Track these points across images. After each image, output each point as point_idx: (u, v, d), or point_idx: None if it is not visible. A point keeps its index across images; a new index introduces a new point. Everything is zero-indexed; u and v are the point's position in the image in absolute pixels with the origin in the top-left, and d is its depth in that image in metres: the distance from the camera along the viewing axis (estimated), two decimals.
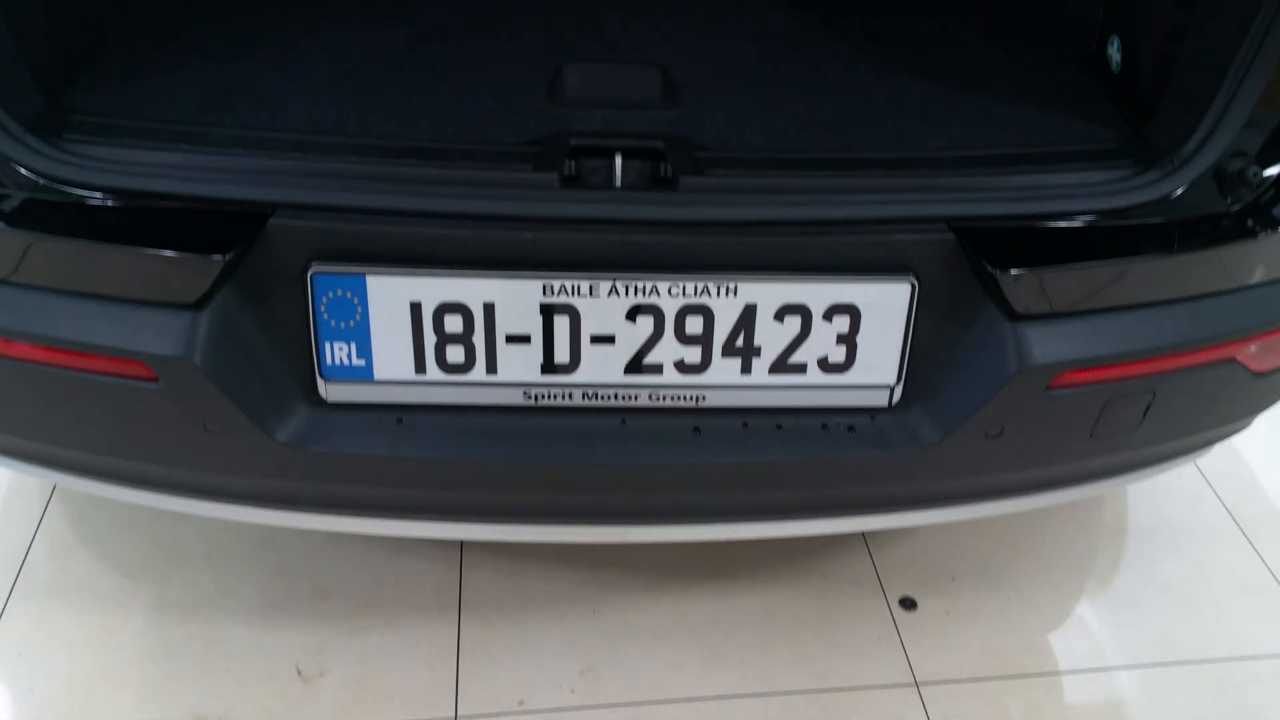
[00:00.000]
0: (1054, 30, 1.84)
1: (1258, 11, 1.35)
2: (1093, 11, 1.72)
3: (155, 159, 1.35)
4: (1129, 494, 2.25)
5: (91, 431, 1.45)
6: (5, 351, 1.37)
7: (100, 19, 1.66)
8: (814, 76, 1.66)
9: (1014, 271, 1.34)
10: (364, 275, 1.34)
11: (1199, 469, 2.32)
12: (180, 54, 1.59)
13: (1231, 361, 1.48)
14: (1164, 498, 2.24)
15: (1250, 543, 2.15)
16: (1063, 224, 1.40)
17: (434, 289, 1.35)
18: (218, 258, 1.28)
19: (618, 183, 1.39)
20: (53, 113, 1.41)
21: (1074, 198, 1.39)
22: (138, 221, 1.33)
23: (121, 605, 1.89)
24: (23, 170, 1.32)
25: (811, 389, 1.44)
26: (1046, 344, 1.38)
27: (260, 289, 1.35)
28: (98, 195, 1.33)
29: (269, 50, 1.61)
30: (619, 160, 1.40)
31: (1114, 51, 1.66)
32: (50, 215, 1.33)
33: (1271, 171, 1.43)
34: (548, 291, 1.36)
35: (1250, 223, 1.43)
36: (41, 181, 1.32)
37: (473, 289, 1.36)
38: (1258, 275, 1.48)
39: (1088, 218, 1.39)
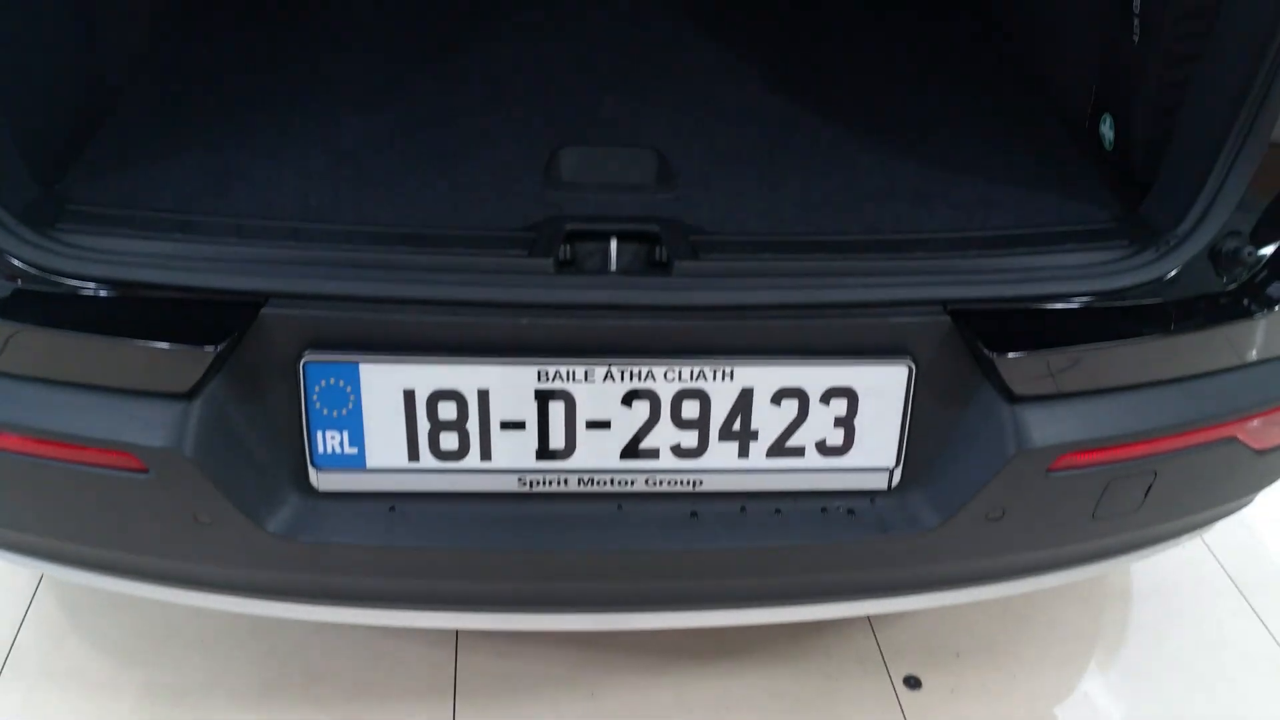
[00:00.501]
0: (1047, 107, 1.86)
1: (1249, 91, 1.36)
2: (1085, 88, 1.74)
3: (148, 248, 1.35)
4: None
5: (79, 522, 1.43)
6: None
7: (97, 109, 1.67)
8: (809, 157, 1.66)
9: (1011, 355, 1.33)
10: (357, 363, 1.33)
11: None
12: (176, 140, 1.60)
13: (1233, 440, 1.47)
14: (1166, 564, 2.22)
15: (1254, 611, 2.12)
16: (1059, 305, 1.39)
17: (428, 376, 1.34)
18: (210, 349, 1.28)
19: (613, 267, 1.39)
20: (46, 202, 1.41)
21: (1070, 279, 1.39)
22: (129, 312, 1.32)
23: (111, 690, 1.85)
24: (15, 261, 1.31)
25: (810, 472, 1.43)
26: (1046, 426, 1.37)
27: (252, 378, 1.33)
28: (89, 285, 1.33)
29: (265, 136, 1.62)
30: (614, 244, 1.40)
31: (1106, 129, 1.67)
32: (41, 306, 1.33)
33: (1266, 250, 1.44)
34: (543, 377, 1.35)
35: (1246, 302, 1.43)
36: (33, 272, 1.32)
37: (467, 375, 1.35)
38: (1256, 353, 1.47)
39: (1084, 299, 1.39)
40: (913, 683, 1.93)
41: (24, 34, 1.47)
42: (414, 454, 1.38)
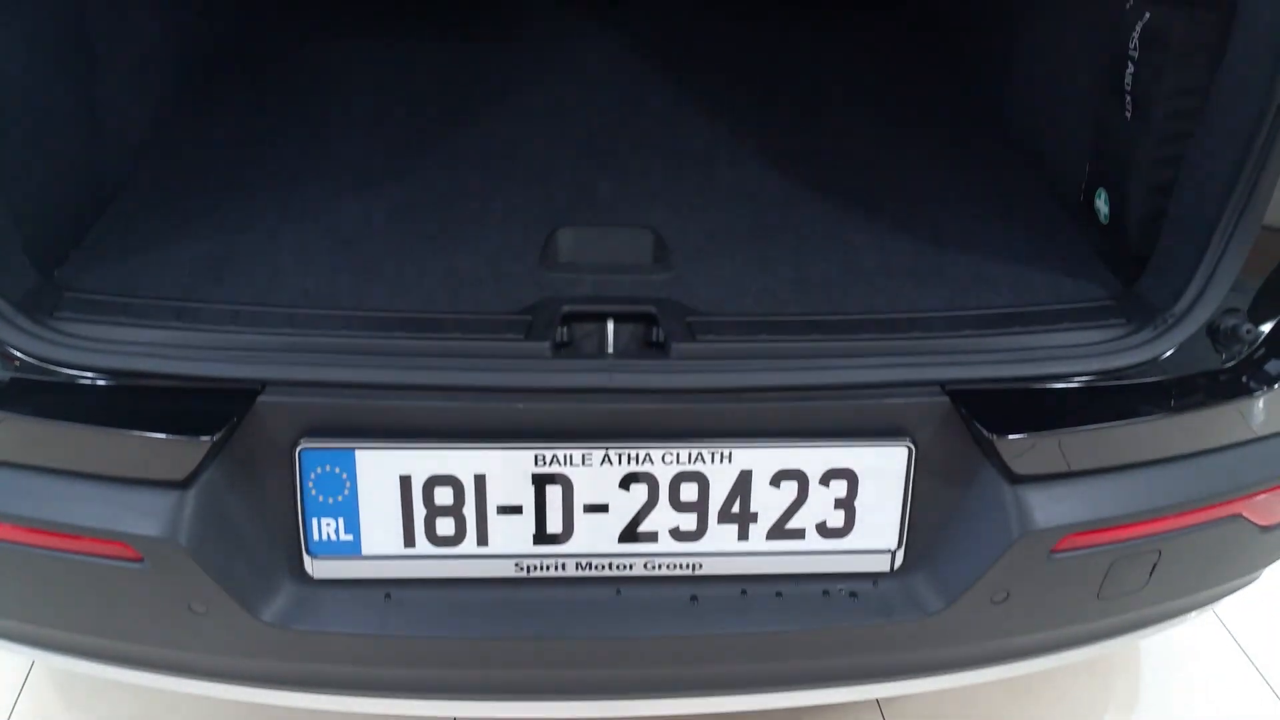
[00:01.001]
0: (1041, 182, 1.87)
1: (1241, 170, 1.36)
2: (1079, 164, 1.75)
3: (146, 336, 1.35)
4: None
5: (72, 611, 1.41)
6: None
7: (99, 195, 1.68)
8: (804, 236, 1.67)
9: (1011, 436, 1.33)
10: (353, 450, 1.33)
11: None
12: (176, 227, 1.61)
13: (1237, 518, 1.46)
14: (1176, 635, 2.16)
15: (1266, 682, 2.09)
16: (1058, 385, 1.39)
17: (424, 462, 1.34)
18: (206, 438, 1.27)
19: (610, 349, 1.39)
20: (45, 289, 1.41)
21: (1068, 359, 1.39)
22: (126, 401, 1.32)
23: None
24: (12, 351, 1.32)
25: (811, 555, 1.41)
26: (1048, 507, 1.36)
27: (248, 466, 1.33)
28: (86, 375, 1.32)
29: (265, 221, 1.63)
30: (611, 326, 1.41)
31: (1101, 204, 1.68)
32: (37, 395, 1.33)
33: (1265, 328, 1.43)
34: (540, 461, 1.35)
35: (1246, 379, 1.43)
36: (31, 361, 1.32)
37: (464, 461, 1.34)
38: (1258, 430, 1.46)
39: (1083, 379, 1.38)
40: None
41: (29, 123, 1.49)
42: (410, 540, 1.37)
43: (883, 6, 2.60)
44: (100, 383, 1.33)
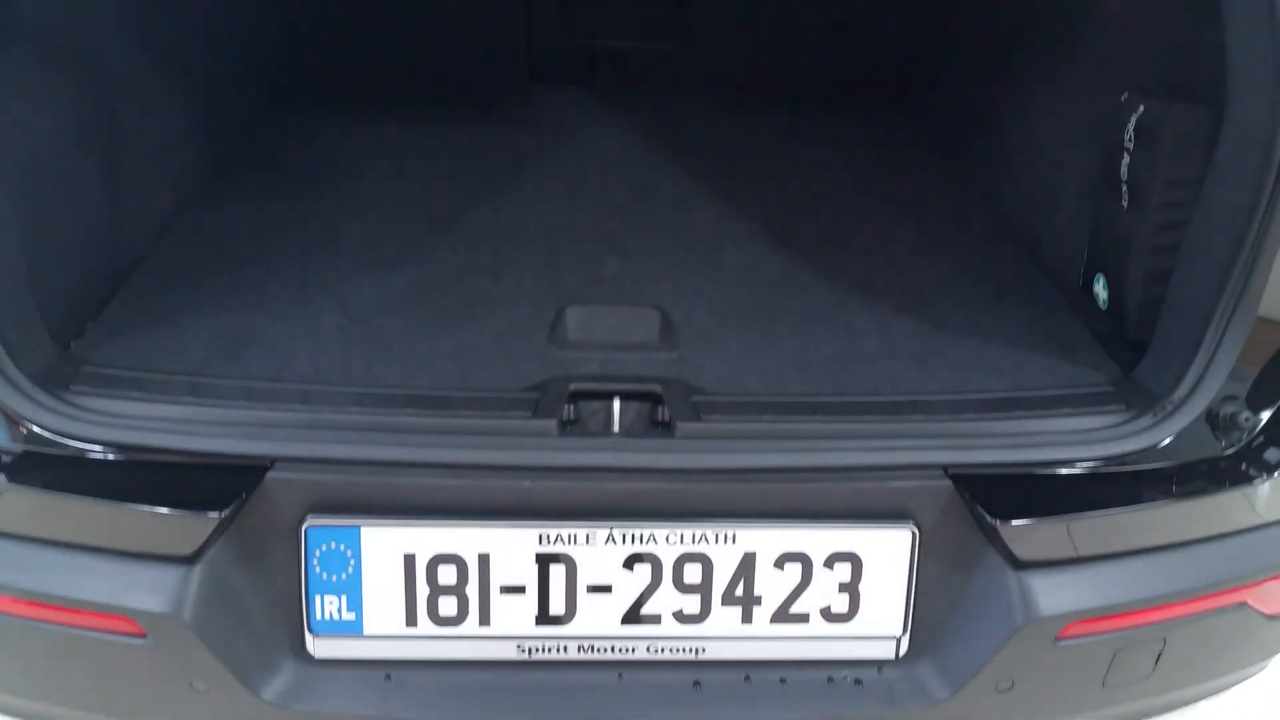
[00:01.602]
0: (1040, 268, 1.90)
1: (1236, 260, 1.38)
2: (1077, 250, 1.78)
3: (158, 412, 1.37)
4: None
5: (73, 686, 1.41)
6: None
7: (118, 271, 1.72)
8: (808, 317, 1.70)
9: (1014, 522, 1.33)
10: (358, 528, 1.33)
11: None
12: (193, 303, 1.64)
13: (1243, 606, 1.45)
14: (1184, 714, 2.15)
15: None
16: (1060, 470, 1.39)
17: (428, 540, 1.34)
18: (214, 514, 1.28)
19: (616, 427, 1.41)
20: (62, 364, 1.44)
21: (1069, 445, 1.39)
22: (136, 476, 1.33)
23: None
24: (28, 425, 1.33)
25: (815, 640, 1.41)
26: (1052, 594, 1.36)
27: (253, 542, 1.33)
28: (99, 449, 1.34)
29: (280, 300, 1.66)
30: (617, 404, 1.42)
31: (1100, 289, 1.71)
32: (49, 468, 1.34)
33: (1264, 415, 1.44)
34: (544, 540, 1.35)
35: (1246, 466, 1.43)
36: (45, 435, 1.33)
37: (468, 539, 1.34)
38: (1261, 517, 1.46)
39: (1084, 464, 1.39)
40: None
41: (53, 198, 1.53)
42: (412, 620, 1.37)
43: (883, 100, 2.67)
44: (112, 457, 1.34)
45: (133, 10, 1.85)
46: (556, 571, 1.36)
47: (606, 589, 1.37)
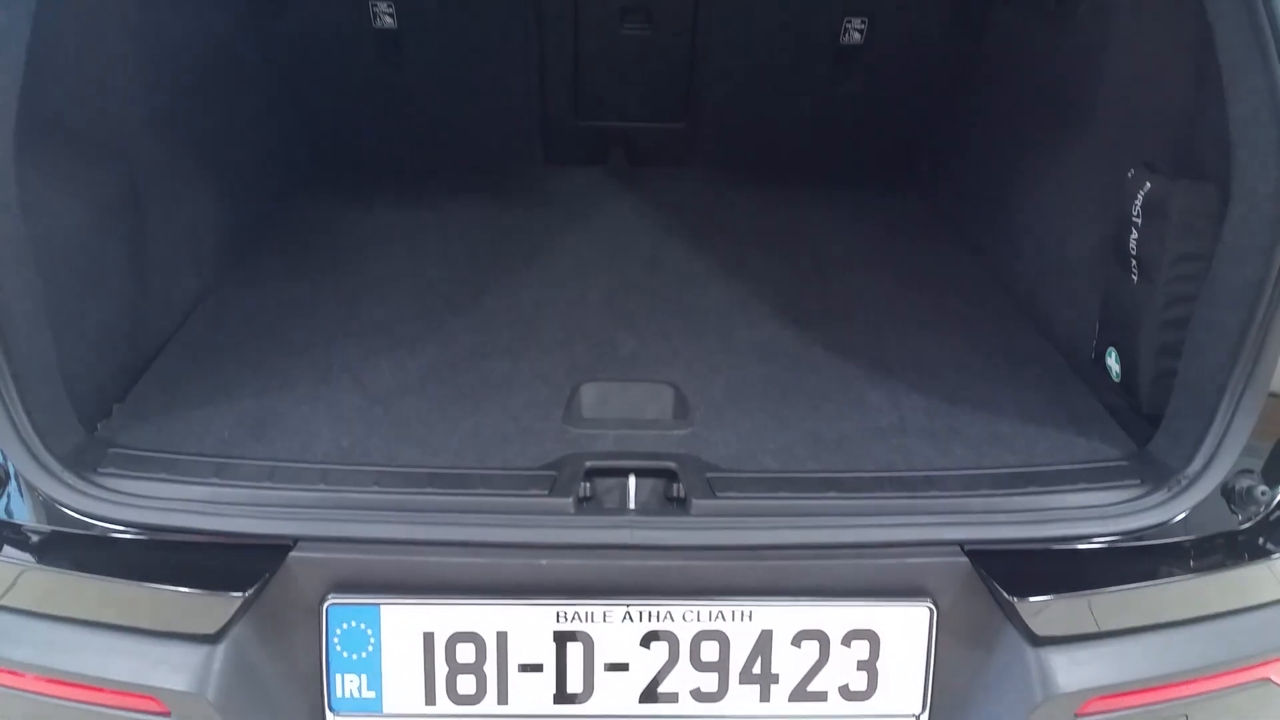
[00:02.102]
0: (1053, 340, 1.92)
1: (1247, 335, 1.40)
2: (1089, 323, 1.80)
3: (184, 492, 1.39)
4: None
5: None
6: (13, 684, 1.37)
7: (144, 353, 1.76)
8: (821, 392, 1.71)
9: (1031, 598, 1.33)
10: (379, 606, 1.35)
11: None
12: (218, 384, 1.68)
13: (1266, 682, 1.44)
14: None
15: None
16: (1076, 546, 1.40)
17: (448, 618, 1.35)
18: (238, 594, 1.30)
19: (631, 504, 1.42)
20: (90, 445, 1.47)
21: (1085, 520, 1.40)
22: (162, 556, 1.36)
23: None
24: (57, 507, 1.36)
25: (834, 719, 1.40)
26: (1071, 670, 1.35)
27: (276, 621, 1.35)
28: (125, 530, 1.36)
29: (303, 381, 1.70)
30: (633, 481, 1.44)
31: (1113, 361, 1.72)
32: (76, 548, 1.37)
33: None
34: (561, 619, 1.36)
35: (1264, 540, 1.43)
36: (74, 516, 1.36)
37: (486, 617, 1.36)
38: None
39: (1101, 540, 1.39)
40: None
41: (81, 282, 1.57)
42: (430, 698, 1.37)
43: (892, 175, 2.72)
44: (138, 537, 1.36)
45: (160, 102, 1.92)
46: (574, 649, 1.37)
47: (624, 667, 1.38)
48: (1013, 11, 2.30)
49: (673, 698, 1.39)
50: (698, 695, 1.39)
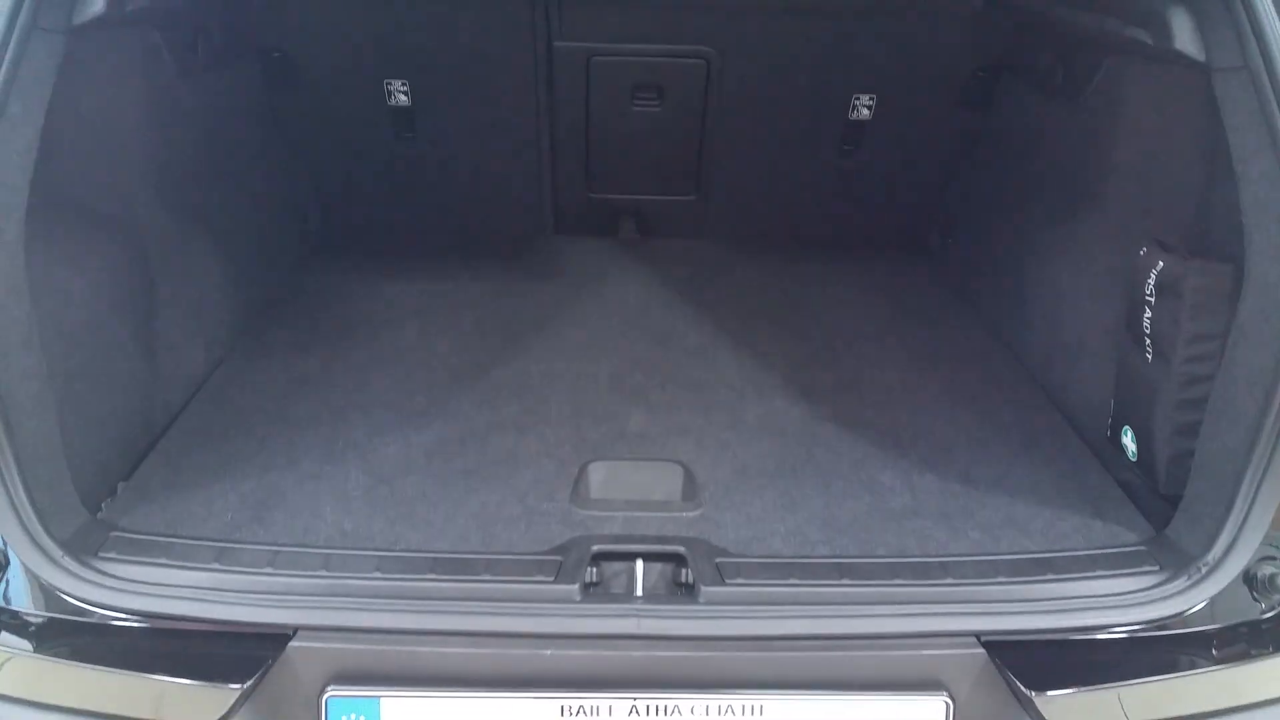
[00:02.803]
0: (1064, 419, 1.89)
1: (1266, 418, 1.37)
2: (1104, 402, 1.77)
3: (185, 578, 1.38)
4: None
5: None
6: None
7: (149, 432, 1.75)
8: (832, 473, 1.69)
9: (1050, 692, 1.29)
10: (379, 698, 1.32)
11: None
12: (221, 464, 1.67)
13: None
14: None
15: None
16: (1096, 636, 1.36)
17: (449, 711, 1.32)
18: (236, 686, 1.27)
19: (639, 590, 1.40)
20: (91, 528, 1.45)
21: (1104, 609, 1.37)
22: (161, 644, 1.34)
23: None
24: (56, 593, 1.34)
25: None
26: None
27: (275, 713, 1.32)
28: (124, 617, 1.34)
29: (307, 460, 1.69)
30: (640, 566, 1.42)
31: (1129, 441, 1.69)
32: (74, 636, 1.34)
33: None
34: (566, 712, 1.32)
35: None
36: (71, 602, 1.34)
37: (489, 711, 1.32)
38: None
39: (1121, 630, 1.36)
40: None
41: (88, 362, 1.57)
42: None
43: (902, 248, 2.72)
44: (137, 625, 1.34)
45: (171, 176, 1.93)
46: None
47: None
48: (1020, 89, 2.32)
49: None
50: None
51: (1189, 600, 1.36)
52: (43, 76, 1.37)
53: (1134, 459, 1.68)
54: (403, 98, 2.43)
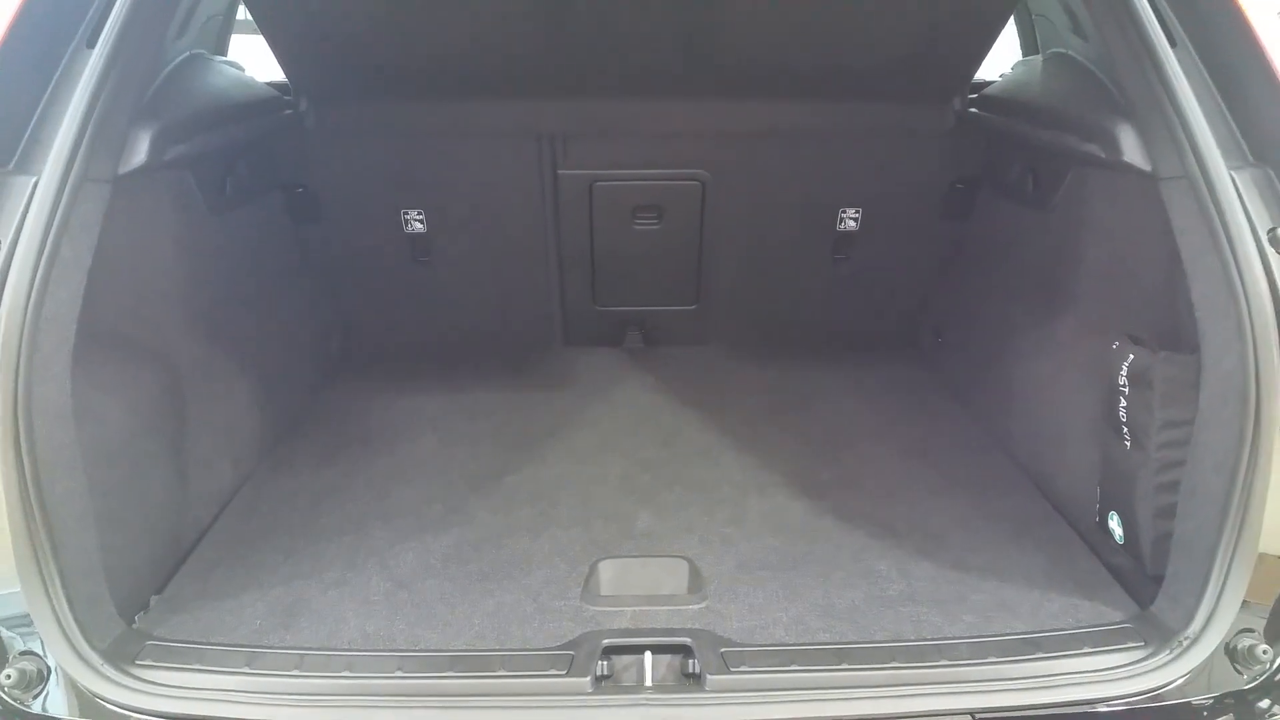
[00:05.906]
0: (1051, 505, 1.97)
1: (1232, 497, 1.45)
2: (1089, 487, 1.85)
3: (218, 683, 1.44)
4: None
5: None
6: None
7: (182, 545, 1.84)
8: (831, 561, 1.77)
9: None
10: None
11: None
12: (250, 574, 1.76)
13: None
14: None
15: None
16: (1086, 710, 1.42)
17: None
18: None
19: (648, 680, 1.46)
20: (128, 638, 1.53)
21: (1090, 684, 1.42)
22: None
23: None
24: (96, 700, 1.41)
25: None
26: None
27: None
28: None
29: (331, 568, 1.78)
30: (649, 658, 1.49)
31: (1115, 525, 1.77)
32: None
33: None
34: None
35: (1269, 703, 1.44)
36: (111, 709, 1.41)
37: None
38: None
39: (1107, 705, 1.41)
40: None
41: (124, 486, 1.67)
42: None
43: (894, 348, 2.85)
44: None
45: (201, 306, 2.07)
46: None
47: None
48: (996, 199, 2.47)
49: None
50: None
51: (1172, 673, 1.42)
52: (90, 222, 1.50)
53: (1121, 542, 1.76)
54: (418, 225, 2.59)
